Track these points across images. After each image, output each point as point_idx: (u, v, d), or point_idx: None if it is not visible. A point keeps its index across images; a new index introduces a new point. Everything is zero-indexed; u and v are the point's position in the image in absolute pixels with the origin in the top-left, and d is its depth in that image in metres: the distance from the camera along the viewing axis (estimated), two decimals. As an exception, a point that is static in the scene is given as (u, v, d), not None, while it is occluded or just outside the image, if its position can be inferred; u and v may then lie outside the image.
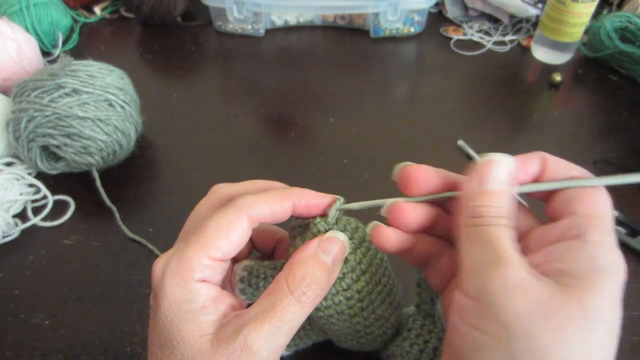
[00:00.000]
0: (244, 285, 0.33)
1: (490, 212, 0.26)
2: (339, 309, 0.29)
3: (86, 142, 0.45)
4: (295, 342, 0.34)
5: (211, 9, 0.71)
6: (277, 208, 0.29)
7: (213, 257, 0.27)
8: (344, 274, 0.29)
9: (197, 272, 0.26)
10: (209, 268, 0.27)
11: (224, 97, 0.63)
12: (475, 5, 0.75)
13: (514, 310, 0.22)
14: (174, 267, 0.27)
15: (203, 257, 0.27)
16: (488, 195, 0.26)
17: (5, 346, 0.38)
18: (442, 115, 0.60)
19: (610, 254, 0.25)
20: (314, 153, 0.54)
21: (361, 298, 0.29)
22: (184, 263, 0.26)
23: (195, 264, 0.26)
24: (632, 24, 0.63)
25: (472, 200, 0.27)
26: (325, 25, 0.75)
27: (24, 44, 0.56)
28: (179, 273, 0.26)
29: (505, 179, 0.26)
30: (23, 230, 0.46)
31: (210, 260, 0.27)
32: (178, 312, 0.26)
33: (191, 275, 0.26)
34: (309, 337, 0.34)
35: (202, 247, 0.27)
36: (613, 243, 0.26)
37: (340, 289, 0.29)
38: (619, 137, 0.57)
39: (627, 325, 0.39)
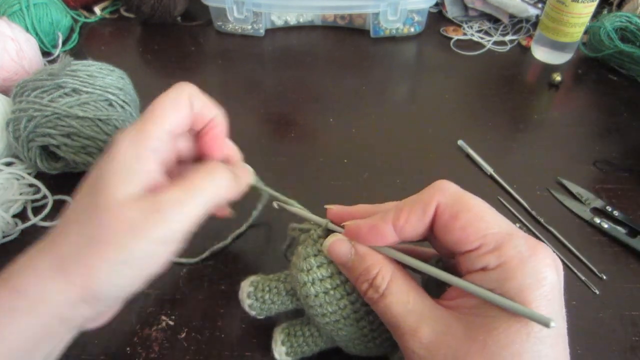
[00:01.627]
0: (251, 301, 0.34)
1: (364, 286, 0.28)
2: (345, 314, 0.29)
3: (86, 142, 0.45)
4: (302, 349, 0.34)
5: (211, 9, 0.71)
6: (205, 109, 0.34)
7: (166, 129, 0.30)
8: (347, 278, 0.29)
9: (153, 139, 0.29)
10: (162, 140, 0.30)
11: (224, 97, 0.62)
12: (475, 5, 0.75)
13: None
14: (133, 133, 0.29)
15: (159, 129, 0.30)
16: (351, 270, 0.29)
17: (5, 346, 0.37)
18: (442, 115, 0.60)
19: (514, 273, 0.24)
20: (314, 153, 0.54)
21: (365, 301, 0.29)
22: (143, 132, 0.29)
23: (153, 132, 0.29)
24: (632, 24, 0.63)
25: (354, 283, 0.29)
26: (325, 25, 0.75)
27: (24, 44, 0.56)
28: (137, 138, 0.29)
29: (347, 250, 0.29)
30: (23, 230, 0.46)
31: (165, 132, 0.30)
32: (117, 165, 0.28)
33: (147, 142, 0.29)
34: (316, 344, 0.34)
35: (158, 119, 0.30)
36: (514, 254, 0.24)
37: (344, 293, 0.29)
38: (619, 137, 0.57)
39: (627, 325, 0.39)
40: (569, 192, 0.50)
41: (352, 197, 0.49)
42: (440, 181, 0.28)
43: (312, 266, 0.30)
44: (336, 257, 0.29)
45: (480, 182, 0.51)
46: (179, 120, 0.31)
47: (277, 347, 0.34)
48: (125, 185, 0.27)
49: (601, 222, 0.46)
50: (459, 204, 0.26)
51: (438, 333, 0.24)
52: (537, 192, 0.50)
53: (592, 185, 0.51)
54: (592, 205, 0.48)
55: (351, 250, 0.28)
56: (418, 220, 0.27)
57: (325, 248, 0.29)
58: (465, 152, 0.54)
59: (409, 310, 0.26)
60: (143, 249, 0.27)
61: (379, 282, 0.27)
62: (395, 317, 0.26)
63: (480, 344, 0.23)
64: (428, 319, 0.25)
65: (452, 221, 0.26)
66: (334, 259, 0.29)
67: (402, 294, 0.26)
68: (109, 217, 0.27)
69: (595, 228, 0.47)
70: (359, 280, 0.28)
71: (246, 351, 0.38)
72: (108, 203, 0.27)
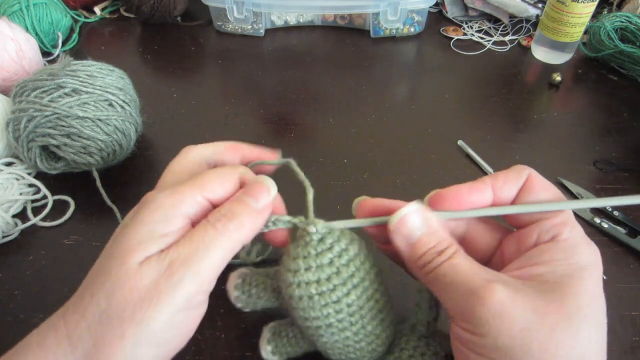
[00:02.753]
0: (238, 292, 0.33)
1: (430, 256, 0.27)
2: (327, 322, 0.28)
3: (86, 142, 0.45)
4: (286, 349, 0.34)
5: (211, 9, 0.71)
6: None
7: (205, 197, 0.28)
8: (334, 285, 0.28)
9: (187, 204, 0.27)
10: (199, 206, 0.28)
11: (224, 97, 0.63)
12: (475, 5, 0.75)
13: (507, 334, 0.23)
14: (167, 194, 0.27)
15: (197, 195, 0.27)
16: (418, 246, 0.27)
17: (5, 346, 0.37)
18: (442, 115, 0.60)
19: (582, 248, 0.26)
20: (314, 153, 0.54)
21: (351, 312, 0.28)
22: (178, 194, 0.27)
23: (188, 197, 0.27)
24: (632, 24, 0.63)
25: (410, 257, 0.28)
26: (325, 25, 0.75)
27: (23, 44, 0.56)
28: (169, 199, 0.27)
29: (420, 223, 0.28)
30: (23, 230, 0.46)
31: (203, 198, 0.28)
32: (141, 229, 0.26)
33: (180, 205, 0.27)
34: (300, 346, 0.34)
35: (197, 186, 0.28)
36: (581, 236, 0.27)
37: (329, 300, 0.28)
38: (619, 137, 0.57)
39: (627, 325, 0.39)
40: (569, 192, 0.50)
41: (352, 197, 0.49)
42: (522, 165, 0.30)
43: (300, 268, 0.28)
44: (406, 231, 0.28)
45: (480, 182, 0.51)
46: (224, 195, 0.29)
47: (263, 345, 0.34)
48: (143, 251, 0.25)
49: (601, 222, 0.46)
50: (546, 181, 0.29)
51: (511, 292, 0.24)
52: (537, 192, 0.50)
53: (592, 185, 0.51)
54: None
55: (423, 222, 0.28)
56: (514, 181, 0.29)
57: (395, 221, 0.28)
58: (465, 152, 0.54)
59: (476, 270, 0.26)
60: (162, 321, 0.24)
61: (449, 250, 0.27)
62: (464, 275, 0.25)
63: (557, 304, 0.23)
64: (499, 280, 0.25)
65: (541, 189, 0.28)
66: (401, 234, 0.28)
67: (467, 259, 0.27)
68: (122, 289, 0.24)
69: (595, 228, 0.47)
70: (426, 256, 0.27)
71: (246, 351, 0.38)
72: (121, 272, 0.25)
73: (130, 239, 0.26)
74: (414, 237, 0.27)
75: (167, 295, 0.24)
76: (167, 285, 0.25)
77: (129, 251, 0.25)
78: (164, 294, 0.24)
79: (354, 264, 0.29)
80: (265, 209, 0.29)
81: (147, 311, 0.24)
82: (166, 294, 0.24)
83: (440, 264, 0.26)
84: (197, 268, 0.25)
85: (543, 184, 0.29)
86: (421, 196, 0.49)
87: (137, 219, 0.26)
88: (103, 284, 0.25)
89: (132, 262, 0.25)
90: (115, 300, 0.25)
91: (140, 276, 0.25)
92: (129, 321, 0.24)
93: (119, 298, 0.24)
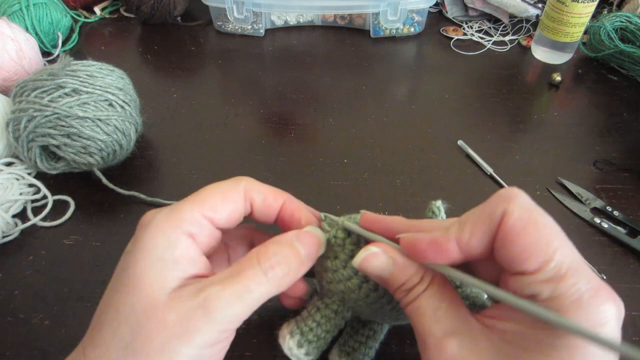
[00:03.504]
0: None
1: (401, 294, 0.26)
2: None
3: (86, 142, 0.45)
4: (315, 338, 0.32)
5: (211, 9, 0.71)
6: (270, 198, 0.30)
7: (206, 215, 0.27)
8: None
9: (186, 223, 0.26)
10: (199, 225, 0.26)
11: (224, 97, 0.63)
12: (475, 5, 0.75)
13: None
14: (164, 214, 0.26)
15: (196, 212, 0.26)
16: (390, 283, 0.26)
17: (5, 346, 0.38)
18: (442, 115, 0.60)
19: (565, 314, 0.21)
20: (314, 153, 0.54)
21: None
22: (176, 213, 0.26)
23: (187, 214, 0.26)
24: (632, 24, 0.63)
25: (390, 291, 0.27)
26: (325, 25, 0.75)
27: (23, 44, 0.56)
28: (167, 220, 0.26)
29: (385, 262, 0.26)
30: (23, 230, 0.46)
31: (203, 217, 0.26)
32: (148, 256, 0.25)
33: (180, 224, 0.26)
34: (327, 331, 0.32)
35: (196, 203, 0.27)
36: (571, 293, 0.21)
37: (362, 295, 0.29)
38: (619, 137, 0.57)
39: (627, 325, 0.39)
40: (569, 192, 0.50)
41: (352, 197, 0.49)
42: (509, 188, 0.24)
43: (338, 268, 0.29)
44: (372, 271, 0.26)
45: (480, 182, 0.51)
46: (228, 213, 0.28)
47: (286, 342, 0.31)
48: (162, 280, 0.24)
49: (601, 222, 0.46)
50: (528, 218, 0.23)
51: (464, 349, 0.22)
52: (537, 192, 0.50)
53: (592, 185, 0.51)
54: (592, 205, 0.48)
55: (389, 262, 0.26)
56: (485, 232, 0.23)
57: (357, 262, 0.27)
58: (465, 152, 0.54)
59: (438, 316, 0.24)
60: (190, 356, 0.23)
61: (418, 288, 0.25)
62: (422, 324, 0.24)
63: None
64: (457, 332, 0.23)
65: (516, 235, 0.22)
66: (368, 273, 0.27)
67: (435, 299, 0.25)
68: (148, 322, 0.23)
69: (595, 228, 0.47)
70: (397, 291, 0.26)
71: (246, 351, 0.38)
72: (145, 304, 0.24)
73: (144, 269, 0.25)
74: (384, 275, 0.26)
75: (199, 332, 0.23)
76: (202, 322, 0.24)
77: (148, 284, 0.24)
78: (195, 331, 0.23)
79: None
80: (310, 261, 0.28)
81: (177, 346, 0.23)
82: (198, 330, 0.23)
83: (407, 304, 0.25)
84: (236, 310, 0.24)
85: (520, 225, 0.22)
86: (421, 196, 0.49)
87: (140, 246, 0.25)
88: (126, 318, 0.24)
89: (157, 294, 0.24)
90: (142, 334, 0.23)
91: (169, 310, 0.24)
92: (156, 355, 0.23)
93: (146, 332, 0.23)
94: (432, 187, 0.51)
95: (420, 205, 0.48)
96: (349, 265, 0.29)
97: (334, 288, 0.30)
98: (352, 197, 0.49)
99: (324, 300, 0.31)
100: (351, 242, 0.30)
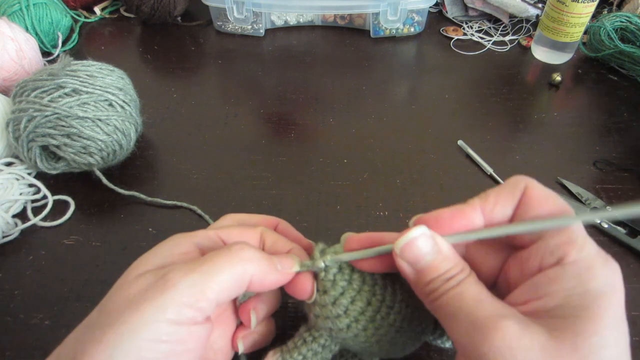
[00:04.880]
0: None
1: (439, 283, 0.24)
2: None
3: (86, 142, 0.45)
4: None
5: (211, 9, 0.71)
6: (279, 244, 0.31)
7: (222, 237, 0.29)
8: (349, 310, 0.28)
9: (200, 237, 0.28)
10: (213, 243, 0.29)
11: (224, 97, 0.63)
12: (475, 5, 0.75)
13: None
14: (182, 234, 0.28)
15: (212, 233, 0.29)
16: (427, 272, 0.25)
17: (5, 346, 0.38)
18: (442, 115, 0.60)
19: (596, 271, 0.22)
20: (314, 153, 0.54)
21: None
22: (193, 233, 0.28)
23: (202, 233, 0.29)
24: (632, 24, 0.63)
25: (417, 283, 0.26)
26: (325, 25, 0.75)
27: (23, 44, 0.56)
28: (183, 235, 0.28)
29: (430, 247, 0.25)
30: (23, 230, 0.46)
31: (218, 238, 0.29)
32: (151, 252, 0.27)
33: (194, 238, 0.28)
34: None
35: (213, 228, 0.29)
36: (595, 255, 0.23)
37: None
38: (619, 137, 0.57)
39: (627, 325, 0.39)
40: (569, 192, 0.50)
41: (352, 197, 0.49)
42: (520, 175, 0.26)
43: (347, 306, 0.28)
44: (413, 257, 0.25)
45: (480, 182, 0.51)
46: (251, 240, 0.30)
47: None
48: (144, 266, 0.26)
49: (601, 222, 0.46)
50: (547, 192, 0.25)
51: (520, 329, 0.21)
52: (537, 192, 0.50)
53: (592, 185, 0.51)
54: (592, 205, 0.48)
55: (435, 247, 0.25)
56: (508, 199, 0.25)
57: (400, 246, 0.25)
58: (465, 152, 0.54)
59: (486, 301, 0.23)
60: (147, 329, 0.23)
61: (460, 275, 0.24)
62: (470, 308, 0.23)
63: (569, 345, 0.21)
64: (509, 314, 0.22)
65: (540, 202, 0.24)
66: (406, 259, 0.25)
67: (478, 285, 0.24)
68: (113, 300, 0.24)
69: (595, 228, 0.47)
70: (433, 282, 0.24)
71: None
72: (117, 285, 0.25)
73: (138, 262, 0.26)
74: (422, 262, 0.25)
75: (154, 301, 0.23)
76: (156, 291, 0.23)
77: (132, 268, 0.26)
78: (150, 300, 0.23)
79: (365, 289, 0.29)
80: (284, 272, 0.28)
81: (131, 316, 0.22)
82: (153, 299, 0.23)
83: (446, 291, 0.24)
84: (195, 281, 0.24)
85: (543, 195, 0.25)
86: (421, 196, 0.49)
87: (151, 250, 0.27)
88: (102, 303, 0.25)
89: (131, 276, 0.25)
90: (105, 310, 0.24)
91: (133, 285, 0.24)
92: (109, 326, 0.23)
93: (108, 307, 0.24)
94: (432, 187, 0.51)
95: (420, 205, 0.48)
96: (337, 303, 0.28)
97: (322, 323, 0.29)
98: (352, 197, 0.49)
99: (312, 332, 0.30)
100: (342, 278, 0.29)
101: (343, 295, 0.28)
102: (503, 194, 0.25)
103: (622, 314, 0.22)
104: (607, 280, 0.22)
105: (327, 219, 0.47)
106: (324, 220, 0.47)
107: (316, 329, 0.30)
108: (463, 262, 0.25)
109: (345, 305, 0.28)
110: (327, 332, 0.30)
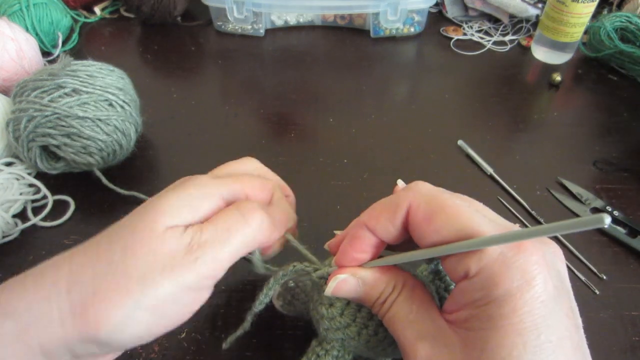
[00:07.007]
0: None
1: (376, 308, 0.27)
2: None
3: (86, 142, 0.45)
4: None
5: (211, 9, 0.71)
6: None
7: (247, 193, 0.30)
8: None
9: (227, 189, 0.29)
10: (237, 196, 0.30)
11: (224, 97, 0.63)
12: (475, 5, 0.75)
13: None
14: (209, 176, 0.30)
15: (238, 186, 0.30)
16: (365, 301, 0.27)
17: (5, 346, 0.37)
18: (442, 115, 0.60)
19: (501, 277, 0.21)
20: (314, 153, 0.54)
21: None
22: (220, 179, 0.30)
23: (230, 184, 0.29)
24: (632, 24, 0.63)
25: None
26: (325, 25, 0.75)
27: (23, 44, 0.56)
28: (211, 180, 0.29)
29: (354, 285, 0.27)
30: (23, 230, 0.46)
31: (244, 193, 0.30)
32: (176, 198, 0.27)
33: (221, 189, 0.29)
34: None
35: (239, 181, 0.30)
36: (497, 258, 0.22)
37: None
38: (619, 137, 0.57)
39: (627, 325, 0.39)
40: (569, 192, 0.50)
41: (352, 197, 0.49)
42: (414, 182, 0.26)
43: (355, 315, 0.29)
44: (346, 297, 0.28)
45: (480, 182, 0.51)
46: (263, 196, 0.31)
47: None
48: (172, 216, 0.26)
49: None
50: (432, 205, 0.24)
51: (435, 348, 0.23)
52: (537, 192, 0.50)
53: (592, 185, 0.51)
54: (592, 205, 0.48)
55: (358, 283, 0.26)
56: (388, 222, 0.25)
57: (329, 293, 0.27)
58: (465, 152, 0.54)
59: (410, 321, 0.24)
60: (169, 293, 0.24)
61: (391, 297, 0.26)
62: (397, 331, 0.25)
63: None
64: (428, 334, 0.23)
65: (425, 224, 0.24)
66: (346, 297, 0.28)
67: (406, 303, 0.25)
68: (141, 248, 0.25)
69: (595, 228, 0.47)
70: (374, 307, 0.27)
71: (246, 351, 0.38)
72: (145, 232, 0.25)
73: (163, 203, 0.26)
74: (356, 295, 0.27)
75: (181, 270, 0.25)
76: (184, 261, 0.25)
77: (159, 213, 0.26)
78: (178, 268, 0.25)
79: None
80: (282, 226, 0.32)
81: (158, 278, 0.24)
82: (181, 268, 0.25)
83: (384, 314, 0.26)
84: (216, 254, 0.26)
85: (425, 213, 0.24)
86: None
87: (176, 189, 0.28)
88: (124, 237, 0.26)
89: (160, 225, 0.25)
90: (131, 256, 0.25)
91: (162, 242, 0.25)
92: (137, 281, 0.24)
93: (135, 256, 0.25)
94: (432, 187, 0.51)
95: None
96: (345, 313, 0.29)
97: (333, 335, 0.30)
98: (352, 197, 0.49)
99: (323, 345, 0.31)
100: None
101: (349, 305, 0.29)
102: (383, 215, 0.26)
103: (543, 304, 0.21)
104: (513, 283, 0.21)
105: (327, 219, 0.47)
106: (324, 220, 0.47)
107: (327, 342, 0.31)
108: (393, 279, 0.26)
109: (353, 314, 0.29)
110: (338, 343, 0.30)
